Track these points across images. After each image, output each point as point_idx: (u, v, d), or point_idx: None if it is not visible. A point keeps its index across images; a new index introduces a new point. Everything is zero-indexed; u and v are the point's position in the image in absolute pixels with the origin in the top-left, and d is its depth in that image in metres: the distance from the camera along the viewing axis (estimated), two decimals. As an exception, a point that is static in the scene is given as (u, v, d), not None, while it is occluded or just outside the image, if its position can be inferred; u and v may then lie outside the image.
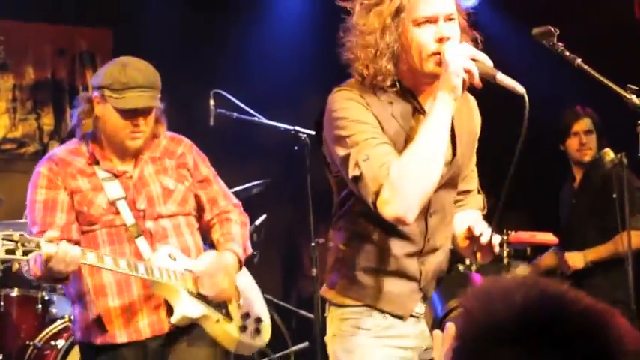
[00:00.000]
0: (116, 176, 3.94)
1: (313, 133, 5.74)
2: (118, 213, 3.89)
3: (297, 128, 5.91)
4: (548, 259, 6.25)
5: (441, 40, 2.83)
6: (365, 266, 3.04)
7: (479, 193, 3.34)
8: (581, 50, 3.14)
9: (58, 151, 4.05)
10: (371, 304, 3.03)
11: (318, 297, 5.71)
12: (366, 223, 3.02)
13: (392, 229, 2.97)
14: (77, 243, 3.77)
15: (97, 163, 3.94)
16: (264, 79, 7.50)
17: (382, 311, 3.04)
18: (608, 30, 7.45)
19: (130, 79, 3.84)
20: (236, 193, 4.73)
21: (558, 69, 3.70)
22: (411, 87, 2.99)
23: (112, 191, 3.91)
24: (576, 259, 5.85)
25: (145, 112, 3.90)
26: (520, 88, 2.77)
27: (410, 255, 3.05)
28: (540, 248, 6.14)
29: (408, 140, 2.89)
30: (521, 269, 6.15)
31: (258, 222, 6.42)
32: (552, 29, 3.14)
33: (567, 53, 3.10)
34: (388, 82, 2.93)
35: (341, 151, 2.87)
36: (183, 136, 4.27)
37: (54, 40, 7.69)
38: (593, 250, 5.82)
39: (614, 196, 5.31)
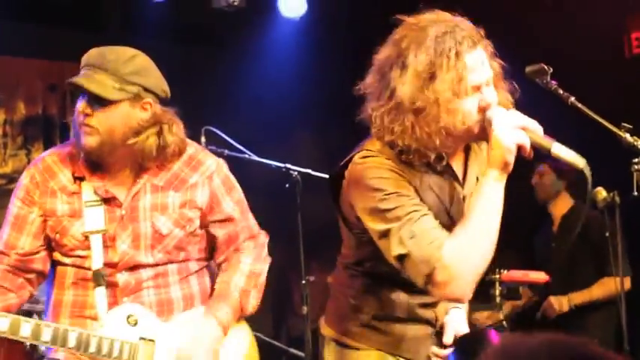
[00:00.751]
0: (105, 201, 3.24)
1: (305, 170, 5.81)
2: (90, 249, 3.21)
3: (288, 165, 5.88)
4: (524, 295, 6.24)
5: (484, 110, 2.72)
6: (381, 314, 3.00)
7: None
8: (574, 89, 3.14)
9: (51, 152, 3.43)
10: (387, 352, 3.01)
11: (309, 335, 5.67)
12: (384, 280, 2.98)
13: (410, 286, 2.88)
14: (41, 275, 3.30)
15: (84, 178, 3.26)
16: (255, 117, 7.50)
17: (396, 356, 3.02)
18: (598, 69, 7.48)
19: (86, 58, 3.28)
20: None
21: (552, 107, 3.69)
22: (444, 153, 2.84)
23: (92, 220, 3.21)
24: (562, 303, 5.85)
25: (93, 100, 3.18)
26: (580, 162, 2.66)
27: (426, 305, 3.04)
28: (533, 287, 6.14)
29: (447, 210, 2.84)
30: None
31: (248, 259, 6.36)
32: (546, 67, 3.14)
33: (561, 91, 3.11)
34: (432, 158, 2.77)
35: (379, 225, 2.71)
36: (212, 155, 3.58)
37: (45, 76, 7.67)
38: (578, 294, 5.82)
39: (606, 235, 5.29)
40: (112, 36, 7.64)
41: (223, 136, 5.94)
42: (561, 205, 6.17)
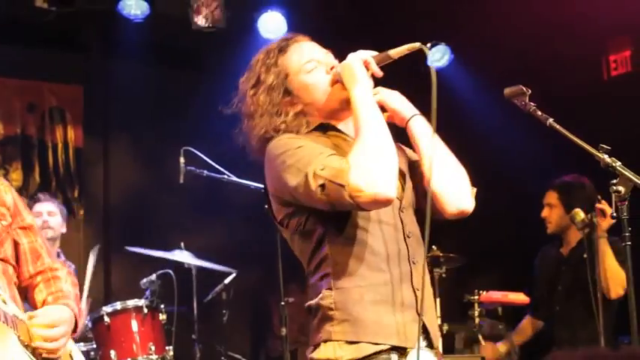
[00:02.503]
0: None
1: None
2: None
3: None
4: (523, 333, 6.20)
5: (332, 69, 3.06)
6: (360, 302, 2.92)
7: None
8: (552, 110, 3.15)
9: None
10: (373, 342, 2.90)
11: (287, 357, 5.65)
12: (348, 258, 2.93)
13: (377, 257, 2.92)
14: None
15: None
16: (234, 137, 7.49)
17: (388, 350, 2.91)
18: (577, 91, 7.53)
19: None
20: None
21: (530, 129, 3.70)
22: (332, 124, 3.11)
23: None
24: None
25: None
26: (416, 44, 2.89)
27: (401, 281, 2.97)
28: (511, 308, 6.13)
29: None
30: (502, 346, 6.11)
31: (227, 280, 6.36)
32: (524, 89, 3.14)
33: (539, 113, 3.11)
34: (305, 129, 3.04)
35: (296, 177, 2.84)
36: None
37: (24, 96, 7.65)
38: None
39: (585, 256, 5.31)
40: (92, 56, 7.64)
41: (202, 156, 5.92)
42: (576, 233, 6.01)
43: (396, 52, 2.95)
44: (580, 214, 5.35)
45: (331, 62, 3.10)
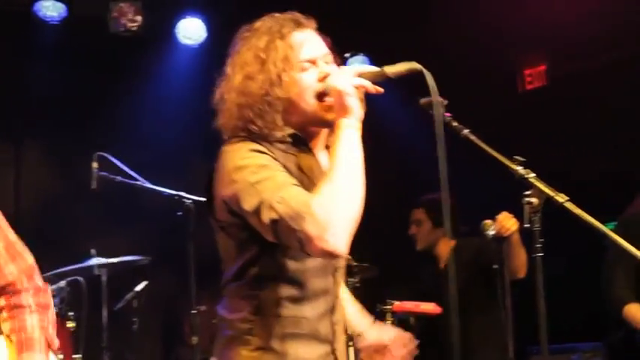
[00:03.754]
0: None
1: (198, 199, 5.75)
2: None
3: (181, 193, 5.80)
4: None
5: (324, 79, 2.84)
6: (280, 334, 2.86)
7: None
8: (467, 122, 3.16)
9: None
10: None
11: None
12: (276, 286, 2.85)
13: (304, 290, 2.86)
14: None
15: None
16: (149, 144, 7.42)
17: None
18: (492, 103, 7.62)
19: None
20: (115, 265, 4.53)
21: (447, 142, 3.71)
22: (305, 137, 2.94)
23: None
24: None
25: None
26: (415, 65, 2.77)
27: (322, 315, 2.93)
28: (424, 318, 6.16)
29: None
30: None
31: (138, 288, 6.28)
32: (441, 99, 3.14)
33: (455, 123, 3.11)
34: (278, 134, 2.85)
35: (251, 201, 2.68)
36: None
37: None
38: None
39: (495, 266, 5.37)
40: (5, 59, 7.48)
41: (116, 162, 5.84)
42: (445, 246, 6.21)
43: (393, 72, 2.78)
44: (490, 223, 5.42)
45: (326, 67, 2.90)
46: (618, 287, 5.34)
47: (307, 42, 2.91)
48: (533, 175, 2.96)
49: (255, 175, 2.70)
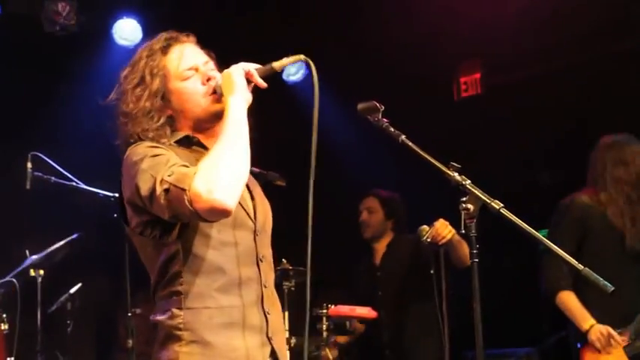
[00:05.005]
0: None
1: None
2: None
3: (117, 195, 5.73)
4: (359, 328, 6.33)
5: (208, 80, 3.04)
6: (209, 324, 2.88)
7: None
8: (403, 128, 3.18)
9: None
10: None
11: (132, 369, 5.57)
12: (199, 278, 2.88)
13: (227, 280, 2.89)
14: None
15: None
16: (84, 144, 7.34)
17: None
18: (428, 111, 7.68)
19: None
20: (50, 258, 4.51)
21: (383, 146, 3.74)
22: (197, 139, 3.08)
23: None
24: None
25: None
26: (299, 56, 2.95)
27: (251, 304, 2.95)
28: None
29: None
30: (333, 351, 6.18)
31: (73, 290, 6.22)
32: (377, 105, 3.16)
33: (392, 129, 3.13)
34: (168, 141, 3.00)
35: (146, 183, 2.77)
36: None
37: None
38: None
39: (432, 272, 5.41)
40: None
41: (50, 162, 5.78)
42: (385, 240, 6.31)
43: (279, 65, 2.96)
44: (426, 229, 5.47)
45: (210, 72, 3.07)
46: (554, 276, 5.44)
47: (186, 52, 3.10)
48: (469, 181, 2.99)
49: (148, 163, 2.82)
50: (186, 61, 3.07)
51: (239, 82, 2.93)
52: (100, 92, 7.98)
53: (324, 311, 6.12)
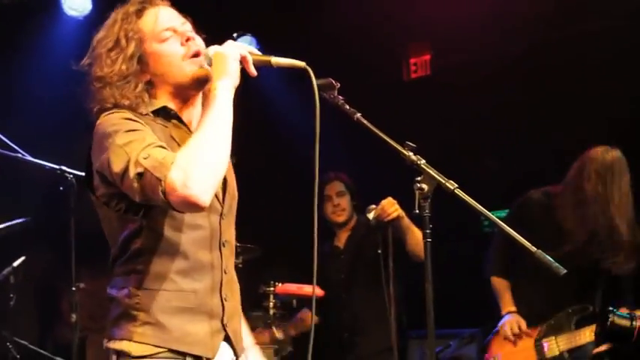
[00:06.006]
0: None
1: (81, 173, 5.65)
2: None
3: (63, 168, 5.68)
4: (308, 319, 6.32)
5: (187, 40, 2.97)
6: (166, 307, 2.85)
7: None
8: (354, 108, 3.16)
9: None
10: (176, 349, 2.85)
11: (76, 344, 5.51)
12: (160, 259, 2.86)
13: (188, 263, 2.87)
14: None
15: None
16: (32, 116, 7.24)
17: (186, 355, 2.86)
18: (379, 92, 7.69)
19: None
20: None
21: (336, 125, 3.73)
22: (176, 110, 3.00)
23: None
24: None
25: None
26: (300, 63, 2.89)
27: (211, 290, 2.93)
28: (306, 300, 6.19)
29: None
30: (278, 332, 6.18)
31: (16, 264, 6.14)
32: (333, 82, 3.14)
33: (347, 107, 3.11)
34: (144, 110, 2.92)
35: (119, 163, 2.70)
36: None
37: None
38: None
39: (380, 251, 5.43)
40: None
41: (-6, 133, 5.69)
42: (351, 223, 6.30)
43: (277, 62, 2.89)
44: (372, 208, 5.49)
45: (188, 32, 3.00)
46: (495, 260, 5.54)
47: (161, 14, 3.02)
48: (424, 161, 2.99)
49: (123, 138, 2.74)
50: (163, 22, 3.00)
51: (232, 66, 2.84)
52: (48, 63, 7.89)
53: (271, 289, 6.12)
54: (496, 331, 5.46)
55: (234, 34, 2.79)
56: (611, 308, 4.97)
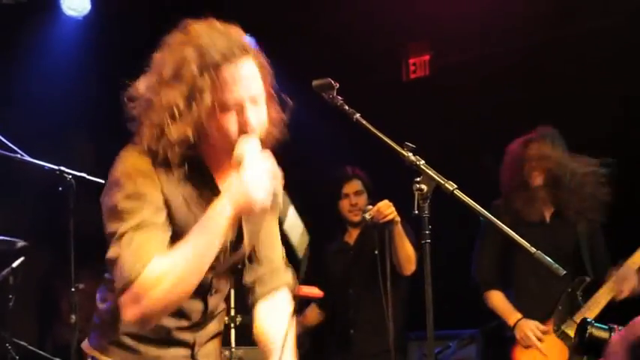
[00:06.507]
0: None
1: (80, 174, 5.64)
2: None
3: (62, 168, 5.67)
4: (312, 316, 6.33)
5: (243, 127, 2.66)
6: (135, 334, 2.84)
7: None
8: (353, 108, 3.15)
9: None
10: None
11: (75, 345, 5.50)
12: None
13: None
14: None
15: None
16: (31, 116, 7.24)
17: None
18: (377, 91, 7.68)
19: None
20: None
21: (336, 124, 3.72)
22: (210, 164, 2.79)
23: None
24: None
25: None
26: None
27: (185, 328, 2.90)
28: (305, 301, 6.18)
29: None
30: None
31: (15, 264, 6.13)
32: (332, 82, 3.14)
33: (347, 107, 3.10)
34: (176, 161, 2.67)
35: (112, 226, 2.61)
36: None
37: None
38: None
39: (376, 252, 5.43)
40: None
41: (-6, 134, 5.68)
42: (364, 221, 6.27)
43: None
44: (368, 209, 5.50)
45: (251, 117, 2.68)
46: (486, 271, 5.55)
47: (239, 79, 2.65)
48: (423, 162, 2.97)
49: (125, 202, 2.61)
50: (238, 91, 2.65)
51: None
52: (48, 63, 7.89)
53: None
54: (514, 343, 5.44)
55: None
56: (589, 320, 4.93)
